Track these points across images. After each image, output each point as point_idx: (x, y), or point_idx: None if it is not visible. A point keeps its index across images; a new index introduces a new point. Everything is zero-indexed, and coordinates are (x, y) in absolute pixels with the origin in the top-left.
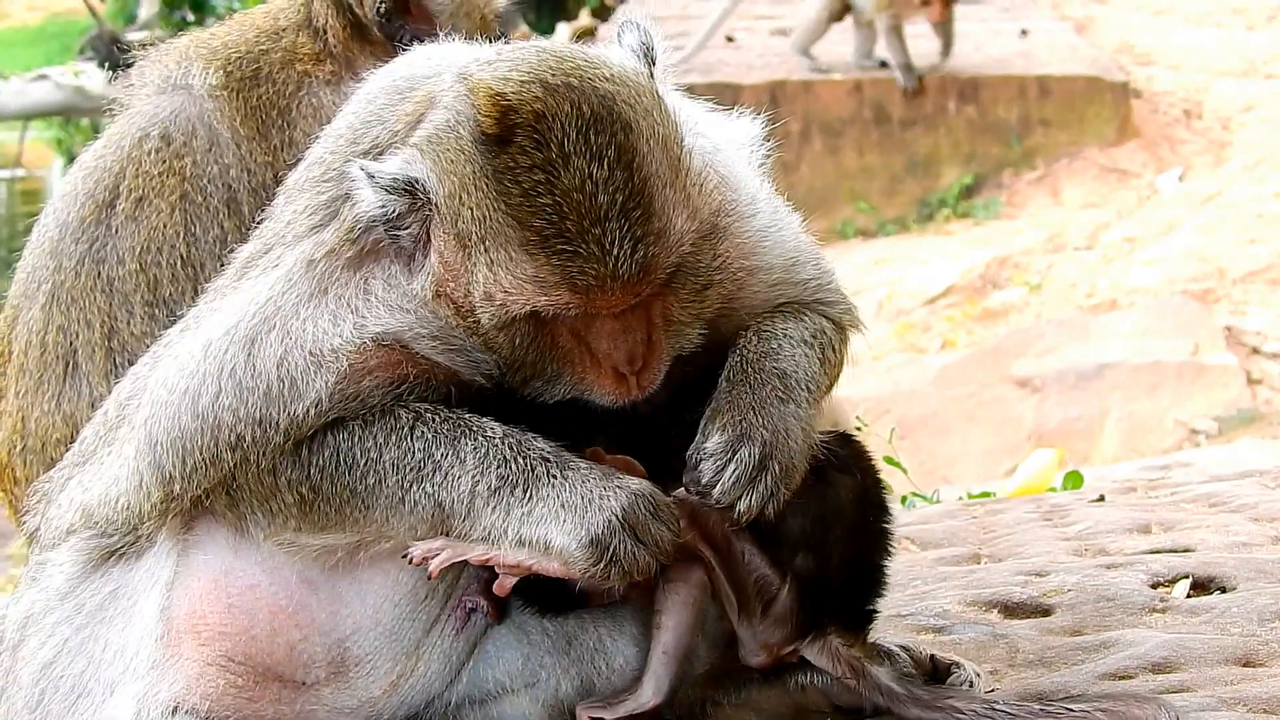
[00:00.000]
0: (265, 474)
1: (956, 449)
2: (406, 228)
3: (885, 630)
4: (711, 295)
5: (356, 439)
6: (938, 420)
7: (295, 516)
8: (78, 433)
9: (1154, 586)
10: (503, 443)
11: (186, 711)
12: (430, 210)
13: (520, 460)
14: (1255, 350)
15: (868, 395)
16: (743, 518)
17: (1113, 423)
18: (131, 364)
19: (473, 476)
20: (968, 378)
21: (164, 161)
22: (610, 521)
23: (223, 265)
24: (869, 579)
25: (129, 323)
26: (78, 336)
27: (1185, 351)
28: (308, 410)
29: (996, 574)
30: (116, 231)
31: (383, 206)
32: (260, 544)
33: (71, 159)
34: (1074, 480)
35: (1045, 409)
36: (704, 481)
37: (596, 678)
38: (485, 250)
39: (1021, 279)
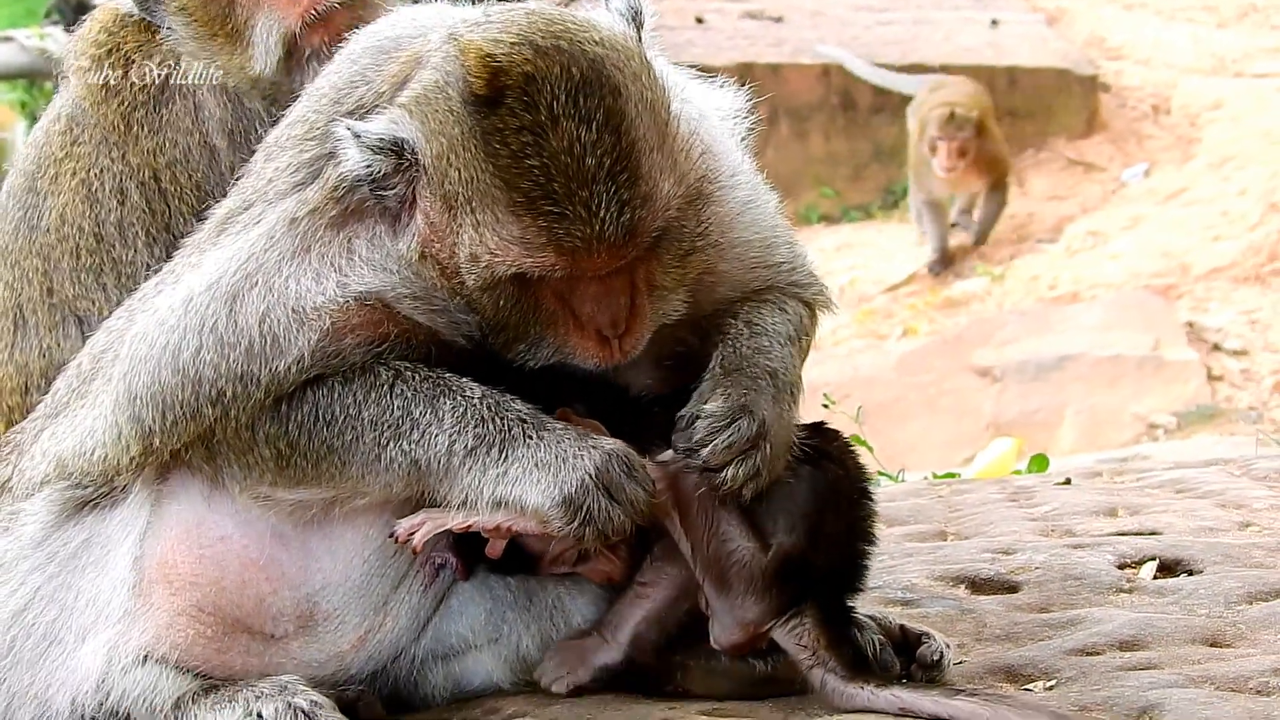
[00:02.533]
0: (244, 429)
1: (916, 436)
2: (392, 188)
3: (854, 601)
4: (694, 261)
5: (336, 395)
6: (898, 407)
7: (272, 471)
8: (30, 381)
9: (1121, 567)
10: (480, 403)
11: (156, 660)
12: (417, 171)
13: (497, 420)
14: (1216, 347)
15: (829, 380)
16: (725, 486)
17: (1071, 415)
18: (75, 318)
19: (450, 435)
20: (928, 366)
21: (64, 148)
22: (584, 480)
23: (129, 241)
24: (852, 564)
25: (62, 284)
26: (21, 293)
27: (1146, 346)
28: (289, 367)
29: (963, 551)
30: (44, 200)
31: (368, 166)
32: (235, 497)
33: (35, 121)
34: (1039, 464)
35: (1005, 399)
36: (696, 439)
37: (555, 634)
38: (472, 211)
39: (984, 269)
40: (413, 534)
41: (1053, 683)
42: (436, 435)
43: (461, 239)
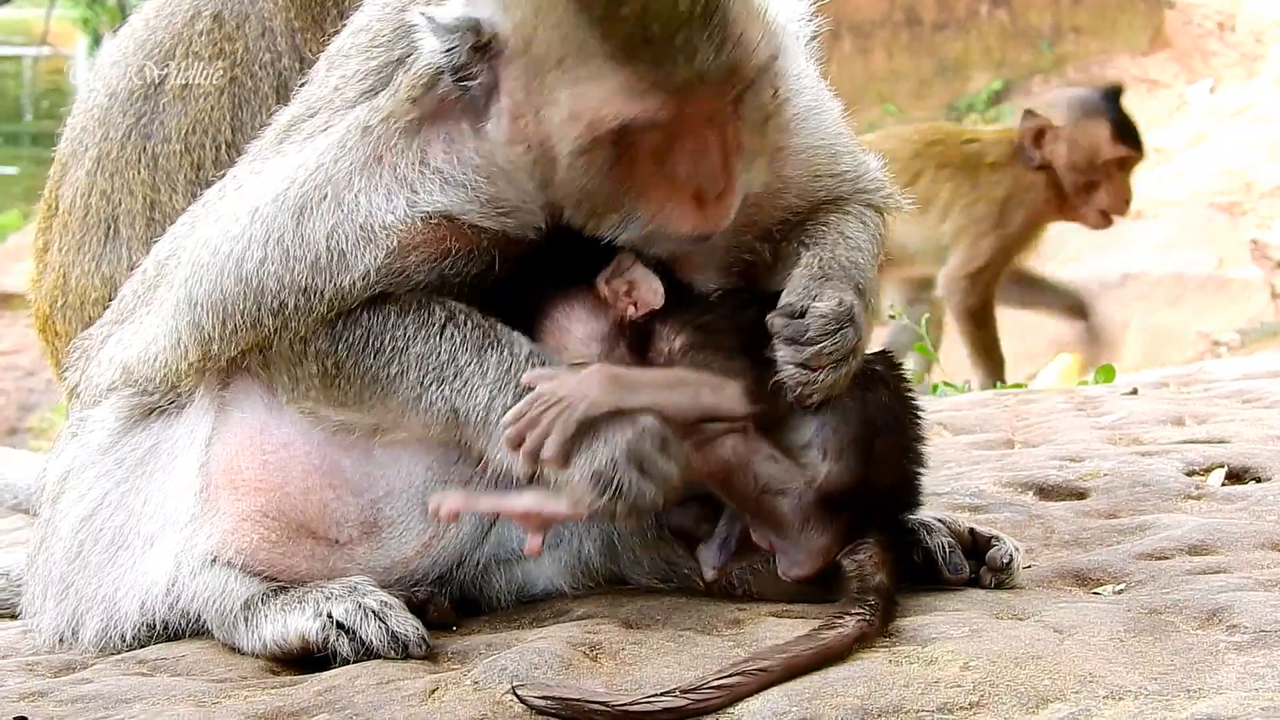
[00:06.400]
0: (297, 340)
1: None
2: (475, 75)
3: (926, 508)
4: (772, 129)
5: (389, 324)
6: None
7: (317, 388)
8: (115, 294)
9: (1189, 474)
10: (527, 362)
11: (224, 563)
12: (498, 49)
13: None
14: None
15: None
16: (812, 388)
17: (1135, 332)
18: None
19: (490, 390)
20: None
21: (214, 44)
22: (614, 456)
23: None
24: (906, 486)
25: (171, 198)
26: (120, 204)
27: (1210, 264)
28: (354, 283)
29: (1031, 458)
30: (164, 109)
31: (449, 51)
32: (285, 406)
33: (97, 38)
34: (1106, 374)
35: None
36: (808, 335)
37: (617, 540)
38: (566, 71)
39: None
40: (438, 509)
41: (1122, 586)
42: (479, 387)
43: (557, 104)
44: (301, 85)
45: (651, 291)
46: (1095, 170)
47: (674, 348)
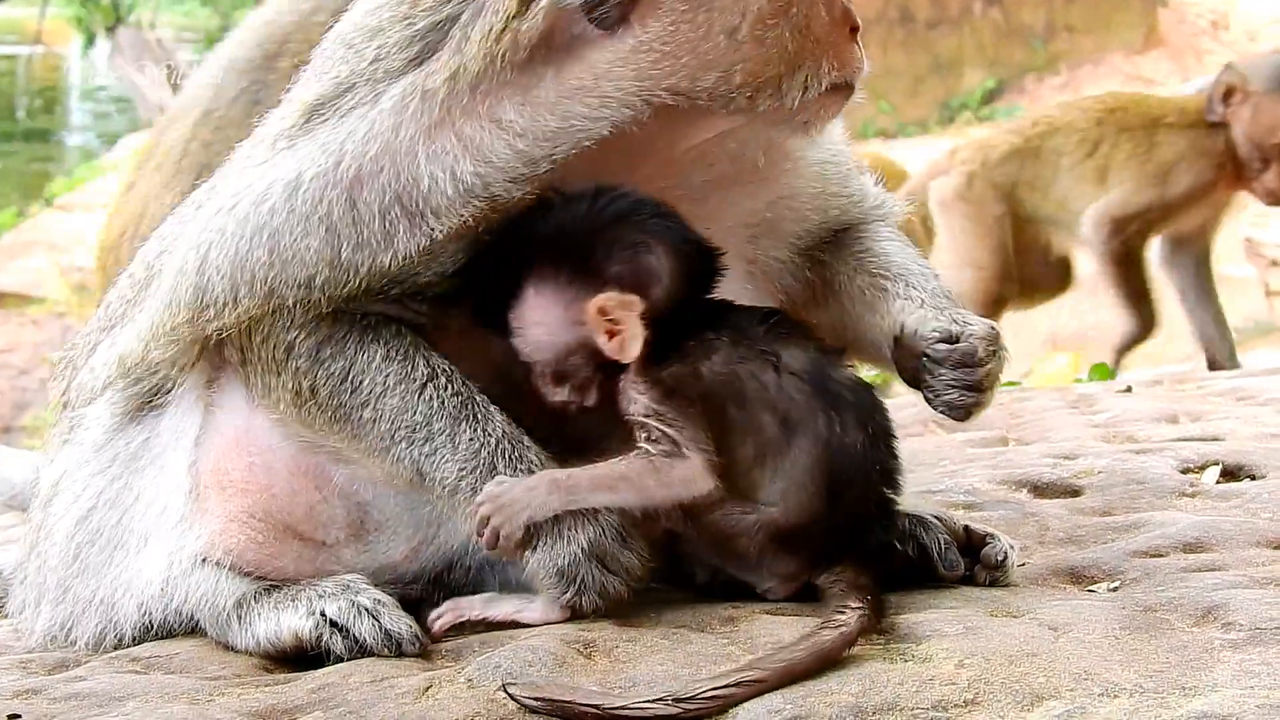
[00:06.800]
0: (279, 349)
1: None
2: (610, 4)
3: (917, 503)
4: None
5: (372, 366)
6: None
7: (288, 404)
8: None
9: (1184, 472)
10: (497, 446)
11: (214, 563)
12: None
13: (506, 474)
14: (1274, 262)
15: None
16: (977, 412)
17: None
18: None
19: (459, 467)
20: None
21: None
22: (575, 554)
23: None
24: (877, 509)
25: None
26: (216, 155)
27: None
28: (391, 262)
29: (1025, 456)
30: (273, 84)
31: None
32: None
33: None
34: (1101, 372)
35: (1062, 314)
36: (978, 357)
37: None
38: None
39: None
40: (434, 623)
41: (1116, 584)
42: (448, 460)
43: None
44: (303, 71)
45: (632, 343)
46: (1267, 147)
47: (637, 406)
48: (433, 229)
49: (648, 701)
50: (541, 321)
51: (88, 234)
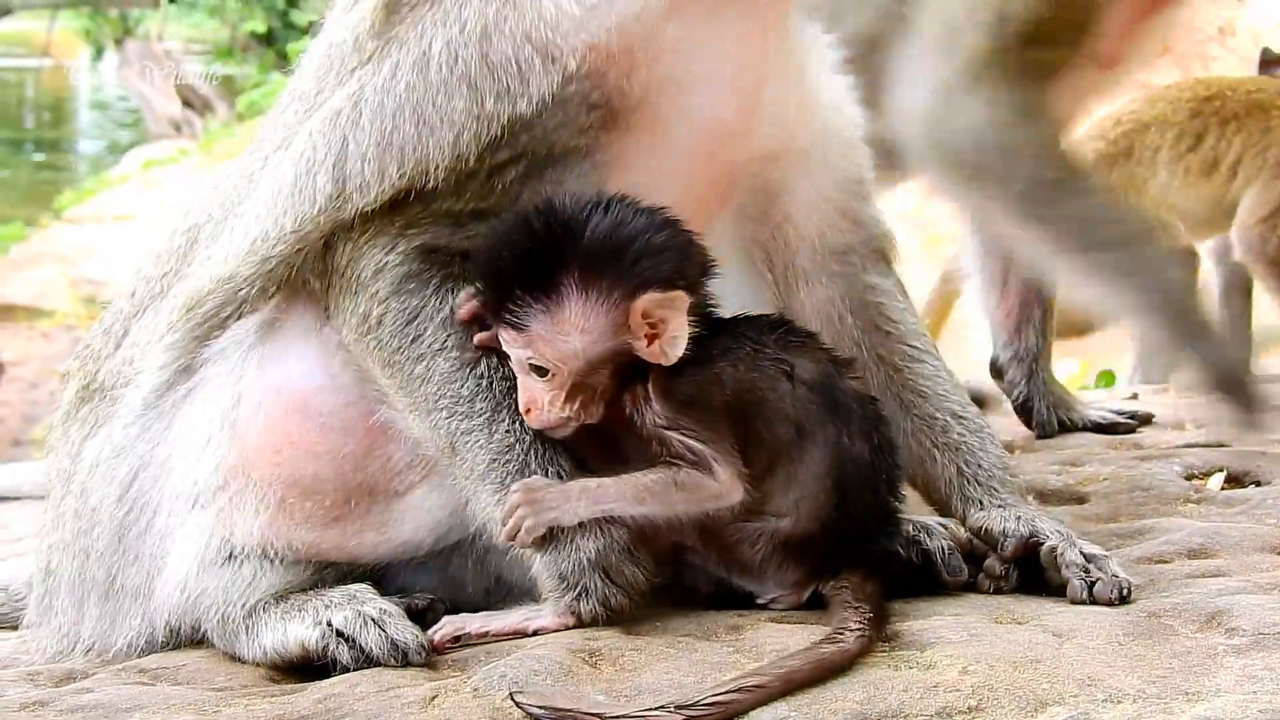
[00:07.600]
0: (369, 268)
1: (981, 356)
2: None
3: (924, 509)
4: None
5: (437, 320)
6: (958, 327)
7: (352, 328)
8: None
9: (1188, 479)
10: (531, 445)
11: (256, 554)
12: None
13: (527, 474)
14: None
15: None
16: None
17: (1136, 337)
18: None
19: (490, 454)
20: None
21: None
22: (580, 562)
23: None
24: (881, 519)
25: None
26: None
27: (1206, 266)
28: (524, 109)
29: (1030, 463)
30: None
31: None
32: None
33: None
34: (1106, 379)
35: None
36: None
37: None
38: None
39: None
40: (435, 635)
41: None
42: (480, 444)
43: None
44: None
45: (677, 342)
46: None
47: (658, 419)
48: (566, 63)
49: (651, 709)
50: (584, 328)
51: (97, 246)
